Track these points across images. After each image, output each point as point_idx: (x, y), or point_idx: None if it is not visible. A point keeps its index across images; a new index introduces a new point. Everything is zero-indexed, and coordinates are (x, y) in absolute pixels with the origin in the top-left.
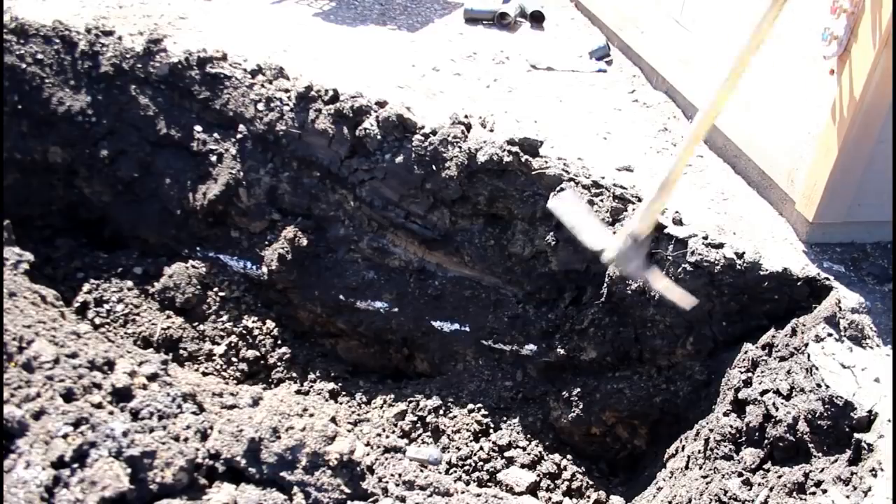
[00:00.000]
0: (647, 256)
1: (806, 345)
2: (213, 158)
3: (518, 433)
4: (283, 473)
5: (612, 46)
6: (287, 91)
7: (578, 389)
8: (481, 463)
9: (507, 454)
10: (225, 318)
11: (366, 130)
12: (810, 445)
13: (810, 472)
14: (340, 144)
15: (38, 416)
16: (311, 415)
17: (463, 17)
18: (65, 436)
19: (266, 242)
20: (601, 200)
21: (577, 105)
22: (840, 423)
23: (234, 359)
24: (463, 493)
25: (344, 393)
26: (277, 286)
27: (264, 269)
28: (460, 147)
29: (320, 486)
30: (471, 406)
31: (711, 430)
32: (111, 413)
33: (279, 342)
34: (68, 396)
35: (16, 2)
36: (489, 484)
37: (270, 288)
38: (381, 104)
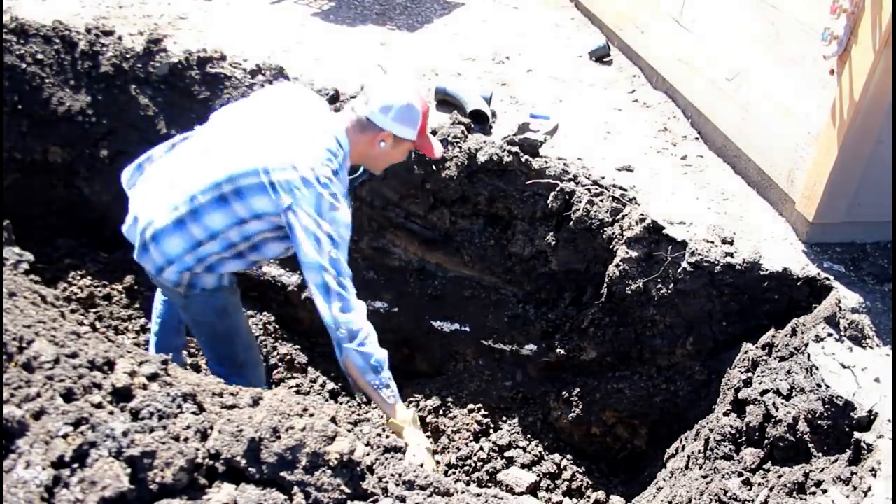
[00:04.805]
0: None
1: (806, 345)
2: None
3: (518, 433)
4: (283, 473)
5: (612, 46)
6: None
7: (578, 389)
8: (481, 463)
9: (507, 454)
10: None
11: None
12: (810, 445)
13: (810, 472)
14: None
15: (38, 416)
16: (311, 415)
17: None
18: (65, 436)
19: None
20: (601, 200)
21: (576, 105)
22: (840, 423)
23: None
24: (463, 493)
25: (344, 393)
26: (278, 286)
27: (264, 269)
28: (460, 147)
29: (320, 486)
30: (471, 406)
31: (711, 430)
32: (111, 413)
33: (279, 342)
34: (68, 396)
35: (16, 2)
36: (489, 484)
37: (271, 288)
38: None
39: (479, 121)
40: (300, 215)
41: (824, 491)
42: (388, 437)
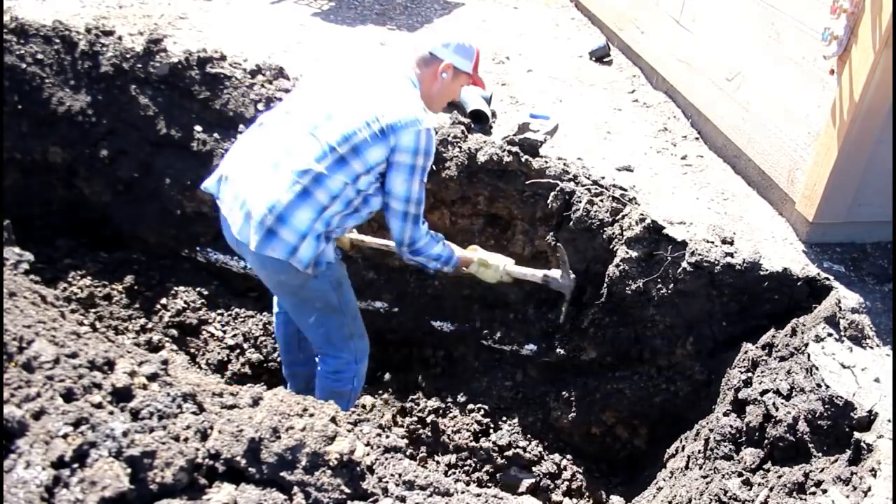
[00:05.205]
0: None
1: (806, 345)
2: (214, 158)
3: (518, 433)
4: (283, 473)
5: (612, 46)
6: (287, 91)
7: (578, 389)
8: (481, 463)
9: (507, 454)
10: (227, 319)
11: None
12: (810, 445)
13: (810, 472)
14: None
15: (38, 416)
16: (311, 415)
17: None
18: (65, 436)
19: None
20: (601, 200)
21: (577, 105)
22: (840, 423)
23: (236, 361)
24: (463, 493)
25: None
26: None
27: None
28: (460, 147)
29: (320, 486)
30: (471, 406)
31: (711, 430)
32: (111, 413)
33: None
34: (68, 396)
35: (16, 2)
36: (489, 484)
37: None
38: None
39: (479, 121)
40: (401, 154)
41: (824, 491)
42: (387, 437)
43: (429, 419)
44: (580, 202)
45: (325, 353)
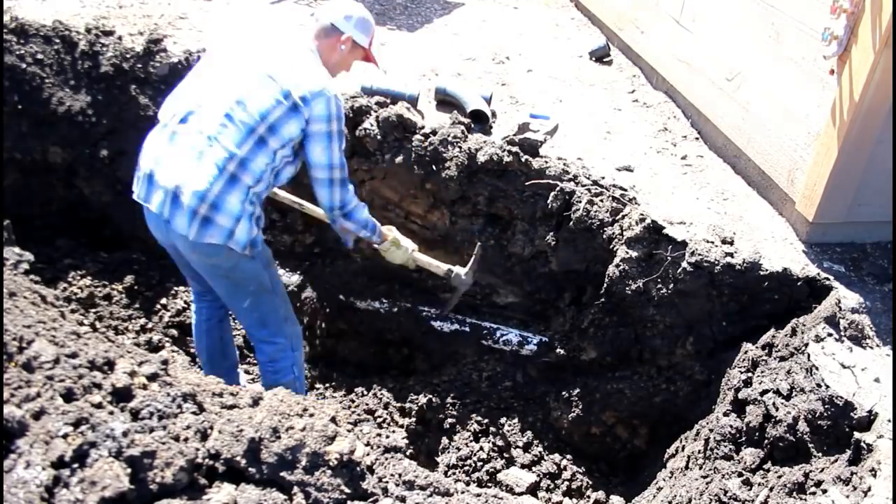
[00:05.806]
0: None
1: (806, 345)
2: None
3: (518, 433)
4: (283, 473)
5: (612, 46)
6: None
7: (578, 389)
8: (481, 463)
9: (506, 454)
10: None
11: (366, 130)
12: (810, 445)
13: (810, 472)
14: None
15: (38, 416)
16: (311, 415)
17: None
18: (65, 436)
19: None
20: (601, 200)
21: (576, 105)
22: (840, 423)
23: None
24: (463, 493)
25: (344, 392)
26: None
27: None
28: (460, 147)
29: (320, 486)
30: (471, 406)
31: (711, 430)
32: (111, 413)
33: None
34: (68, 396)
35: (16, 2)
36: (489, 484)
37: None
38: (382, 104)
39: (479, 121)
40: (317, 123)
41: (824, 491)
42: (387, 437)
43: (429, 419)
44: (580, 202)
45: (261, 338)
